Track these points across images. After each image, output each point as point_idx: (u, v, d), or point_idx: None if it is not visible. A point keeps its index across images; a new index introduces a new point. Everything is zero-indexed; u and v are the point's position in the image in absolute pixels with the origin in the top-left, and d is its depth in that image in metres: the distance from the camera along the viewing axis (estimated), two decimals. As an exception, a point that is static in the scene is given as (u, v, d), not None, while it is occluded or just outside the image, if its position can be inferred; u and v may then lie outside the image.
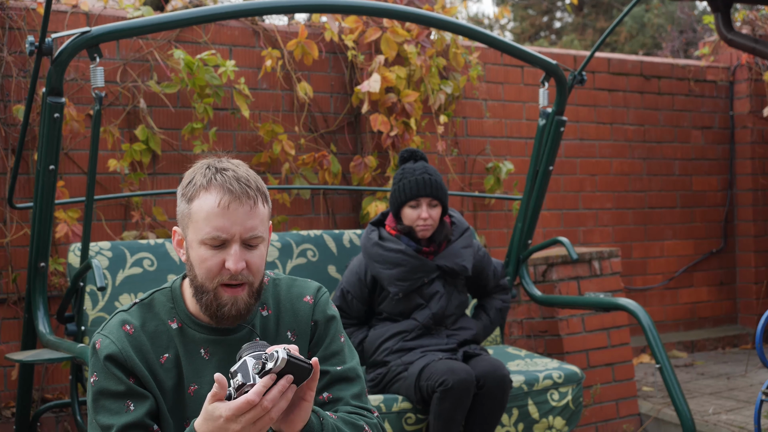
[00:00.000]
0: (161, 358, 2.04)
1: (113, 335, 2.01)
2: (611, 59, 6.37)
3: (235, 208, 1.96)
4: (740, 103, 6.81)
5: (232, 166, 2.02)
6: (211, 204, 1.96)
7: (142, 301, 2.09)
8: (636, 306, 3.58)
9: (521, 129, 5.89)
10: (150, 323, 2.06)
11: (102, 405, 1.98)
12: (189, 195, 2.00)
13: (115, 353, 1.99)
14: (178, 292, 2.10)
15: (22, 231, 4.22)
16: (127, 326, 2.03)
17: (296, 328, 2.13)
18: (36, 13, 4.27)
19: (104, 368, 1.98)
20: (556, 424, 3.67)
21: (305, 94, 4.84)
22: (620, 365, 4.93)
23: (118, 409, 1.97)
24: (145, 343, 2.03)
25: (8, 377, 4.22)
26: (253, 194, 1.99)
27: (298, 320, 2.14)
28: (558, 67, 3.81)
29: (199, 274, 1.99)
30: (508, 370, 3.42)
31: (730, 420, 4.65)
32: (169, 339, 2.06)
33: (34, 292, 3.29)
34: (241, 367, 1.80)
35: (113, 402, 1.97)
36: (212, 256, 1.97)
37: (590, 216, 6.26)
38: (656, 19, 14.06)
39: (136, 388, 1.99)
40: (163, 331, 2.06)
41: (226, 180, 1.98)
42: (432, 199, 3.59)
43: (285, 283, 2.17)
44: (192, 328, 2.06)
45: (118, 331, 2.02)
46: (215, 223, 1.96)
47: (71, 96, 4.33)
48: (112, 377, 1.98)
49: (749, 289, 6.81)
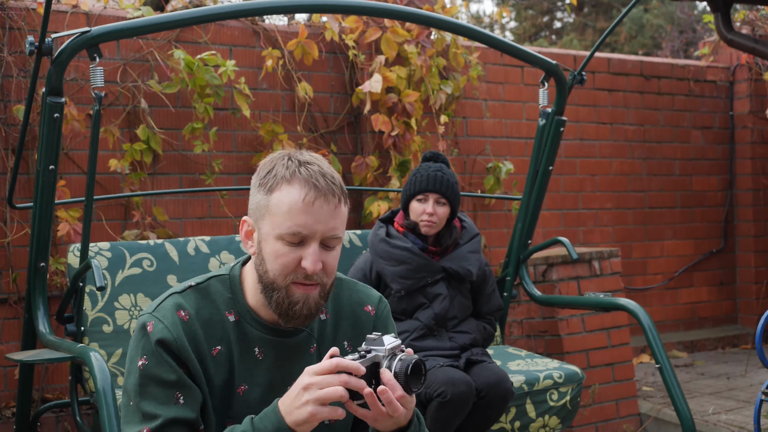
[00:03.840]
0: (213, 349, 1.92)
1: (167, 320, 1.89)
2: (611, 59, 6.37)
3: (320, 205, 1.85)
4: (740, 103, 6.81)
5: (315, 159, 1.91)
6: (294, 198, 1.85)
7: (198, 285, 1.96)
8: (636, 306, 3.58)
9: (521, 129, 5.89)
10: (204, 310, 1.93)
11: (149, 392, 1.86)
12: (269, 186, 1.88)
13: (168, 340, 1.87)
14: (237, 282, 1.97)
15: (22, 231, 4.22)
16: (182, 312, 1.90)
17: (354, 339, 2.04)
18: (36, 13, 4.27)
19: (155, 353, 1.86)
20: (550, 423, 3.67)
21: (305, 94, 4.84)
22: (620, 365, 4.93)
23: (166, 399, 1.85)
24: (198, 331, 1.91)
25: (8, 377, 4.22)
26: (338, 193, 1.88)
27: (356, 330, 2.05)
28: (558, 67, 3.81)
29: (272, 270, 1.87)
30: (511, 382, 3.40)
31: (730, 420, 4.65)
32: (223, 331, 1.93)
33: (34, 292, 3.29)
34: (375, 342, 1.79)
35: (162, 391, 1.85)
36: (289, 252, 1.86)
37: (590, 216, 6.26)
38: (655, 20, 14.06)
39: (187, 380, 1.87)
40: (217, 321, 1.93)
41: (312, 174, 1.86)
42: (440, 196, 3.59)
43: (346, 287, 2.08)
44: (250, 324, 1.95)
45: (173, 316, 1.89)
46: (298, 220, 1.84)
47: (71, 96, 4.33)
48: (164, 364, 1.86)
49: (749, 289, 6.81)
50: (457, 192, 3.62)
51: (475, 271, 3.65)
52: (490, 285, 3.77)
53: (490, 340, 3.76)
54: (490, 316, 3.77)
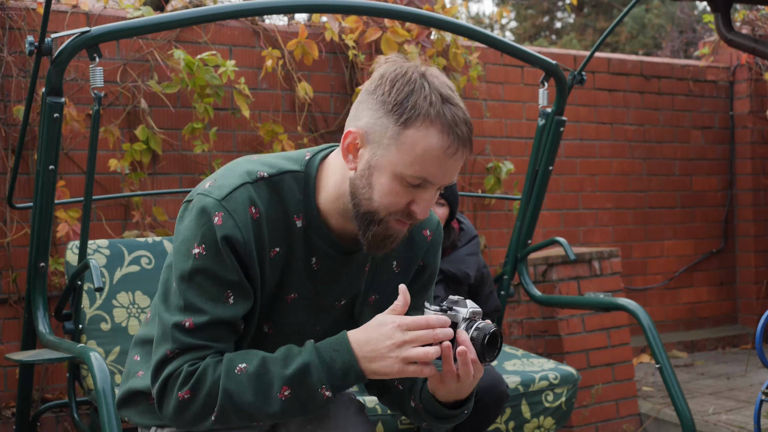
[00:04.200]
0: (273, 251, 1.79)
1: (239, 217, 1.73)
2: (611, 59, 6.37)
3: (457, 158, 1.71)
4: (740, 103, 6.81)
5: (454, 96, 1.76)
6: (434, 145, 1.68)
7: (271, 178, 1.79)
8: (636, 306, 3.57)
9: (521, 129, 5.89)
10: (273, 209, 1.78)
11: (199, 283, 1.73)
12: (404, 117, 1.69)
13: (236, 240, 1.73)
14: (312, 182, 1.81)
15: (22, 231, 4.22)
16: (254, 209, 1.75)
17: (404, 261, 1.93)
18: (36, 13, 4.27)
19: (218, 249, 1.72)
20: (545, 424, 3.67)
21: (305, 94, 4.84)
22: (620, 365, 4.93)
23: (216, 296, 1.73)
24: (264, 231, 1.76)
25: (8, 377, 4.22)
26: (470, 141, 1.74)
27: (409, 253, 1.93)
28: (558, 67, 3.80)
29: (378, 202, 1.73)
30: (506, 385, 3.41)
31: (730, 420, 4.65)
32: (286, 233, 1.80)
33: (34, 292, 3.29)
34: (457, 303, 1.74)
35: (214, 287, 1.73)
36: (404, 193, 1.72)
37: (590, 216, 6.26)
38: (656, 20, 14.06)
39: (244, 283, 1.75)
40: (282, 221, 1.79)
41: (456, 120, 1.70)
42: (439, 197, 3.59)
43: None
44: (316, 234, 1.81)
45: (245, 214, 1.74)
46: (429, 168, 1.69)
47: (71, 96, 4.33)
48: (225, 262, 1.72)
49: (749, 289, 6.81)
50: (455, 193, 3.62)
51: (473, 274, 3.65)
52: (488, 287, 3.77)
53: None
54: (487, 317, 3.78)
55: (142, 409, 1.98)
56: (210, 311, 1.72)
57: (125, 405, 2.01)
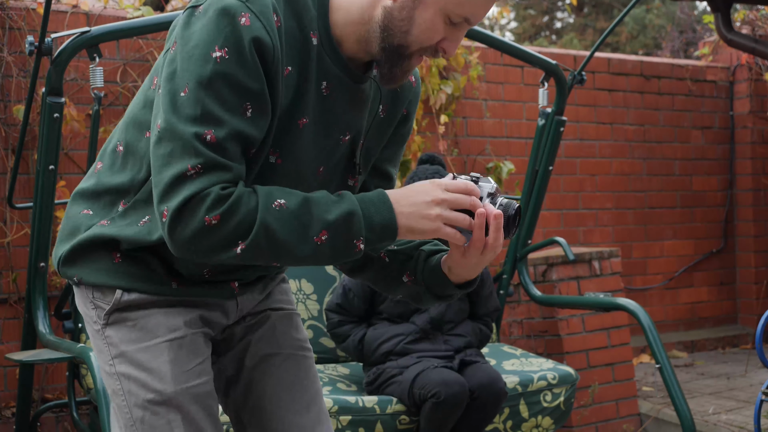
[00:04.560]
0: (286, 69, 1.65)
1: (266, 19, 1.59)
2: (611, 59, 6.37)
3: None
4: (740, 103, 6.81)
5: None
6: None
7: None
8: (636, 306, 3.58)
9: (521, 129, 5.90)
10: (290, 21, 1.65)
11: (219, 89, 1.55)
12: None
13: (266, 43, 1.58)
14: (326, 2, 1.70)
15: (22, 231, 4.22)
16: (276, 15, 1.61)
17: (390, 105, 1.87)
18: (36, 13, 4.27)
19: (246, 52, 1.56)
20: (543, 424, 3.68)
21: None
22: (620, 365, 4.93)
23: (234, 106, 1.57)
24: (283, 44, 1.63)
25: (8, 377, 4.22)
26: None
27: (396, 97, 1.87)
28: (558, 67, 3.81)
29: (415, 36, 1.67)
30: (504, 383, 3.42)
31: (730, 420, 4.65)
32: (302, 52, 1.67)
33: (34, 292, 3.29)
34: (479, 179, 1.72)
35: (234, 96, 1.56)
36: (442, 30, 1.68)
37: (590, 216, 6.26)
38: (657, 20, 14.06)
39: (265, 94, 1.60)
40: (299, 38, 1.66)
41: None
42: None
43: None
44: (329, 54, 1.71)
45: (271, 18, 1.60)
46: (476, 8, 1.67)
47: (71, 96, 4.33)
48: (251, 68, 1.57)
49: (749, 289, 6.81)
50: None
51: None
52: (487, 287, 3.77)
53: (486, 341, 3.77)
54: (486, 317, 3.78)
55: (102, 267, 1.75)
56: (228, 121, 1.56)
57: (72, 262, 1.77)
